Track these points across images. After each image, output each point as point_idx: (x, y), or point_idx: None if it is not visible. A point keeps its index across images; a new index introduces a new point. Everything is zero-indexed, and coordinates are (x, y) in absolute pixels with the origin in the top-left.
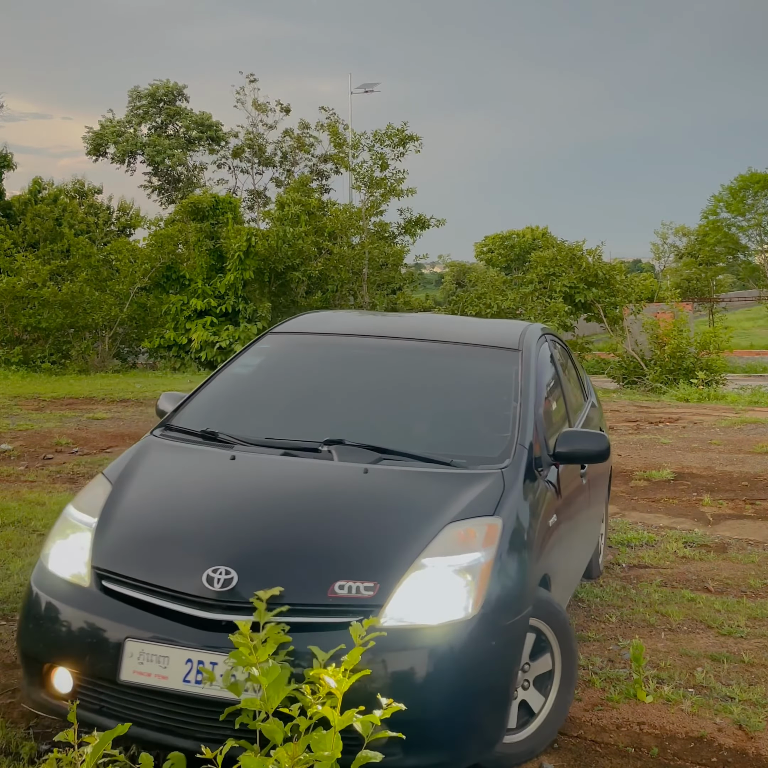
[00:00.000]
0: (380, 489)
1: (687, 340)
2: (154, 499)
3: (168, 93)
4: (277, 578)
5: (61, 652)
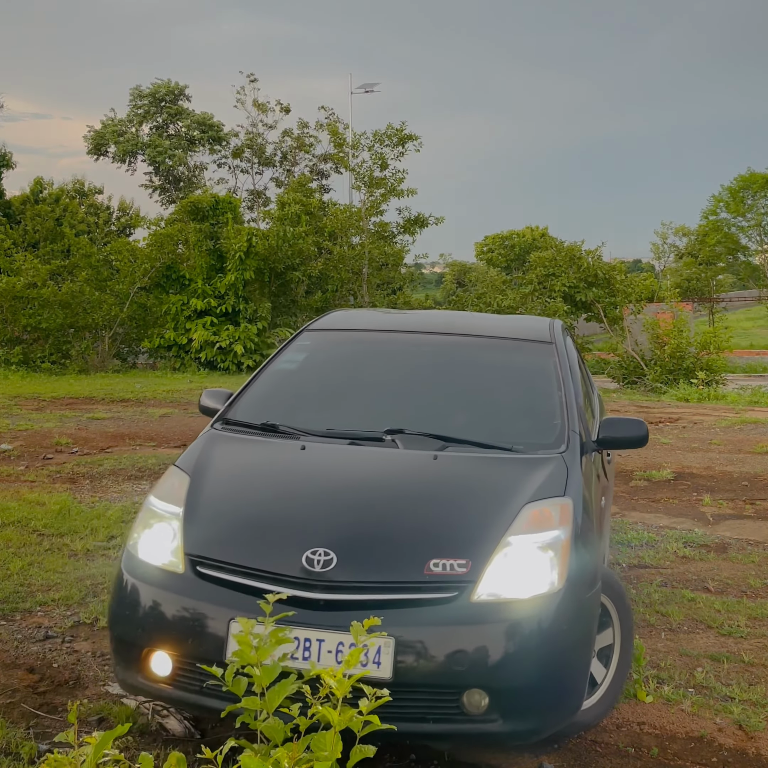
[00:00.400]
0: (453, 474)
1: (687, 340)
2: (240, 487)
3: (169, 93)
4: (374, 558)
5: (160, 636)
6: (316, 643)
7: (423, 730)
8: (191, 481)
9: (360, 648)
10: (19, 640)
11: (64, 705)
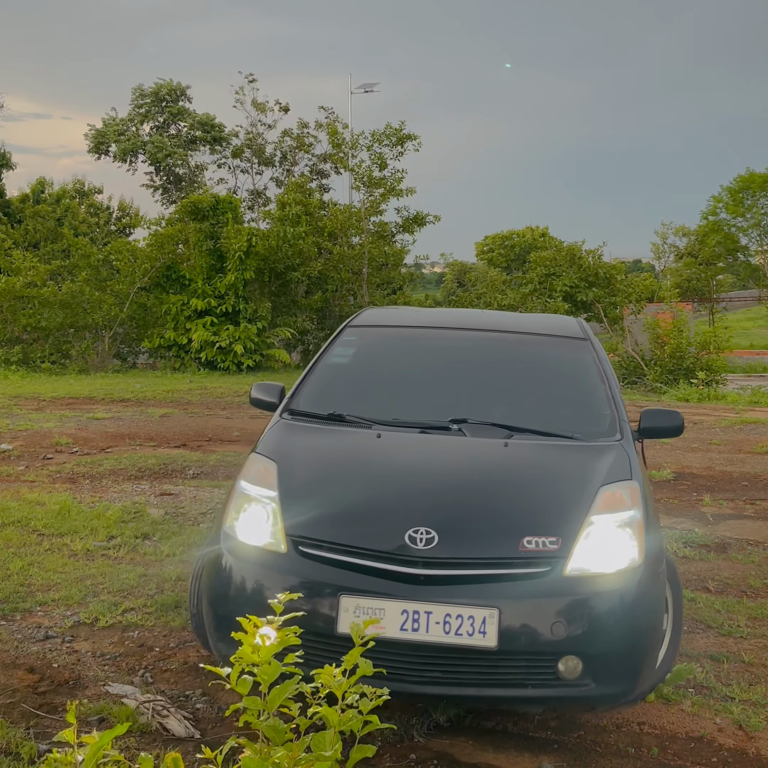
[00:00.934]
0: (526, 459)
1: (687, 340)
2: (330, 472)
3: (171, 92)
4: (472, 536)
5: (268, 612)
6: (424, 615)
7: (522, 694)
8: (279, 467)
9: (360, 648)
10: (19, 640)
11: (64, 705)
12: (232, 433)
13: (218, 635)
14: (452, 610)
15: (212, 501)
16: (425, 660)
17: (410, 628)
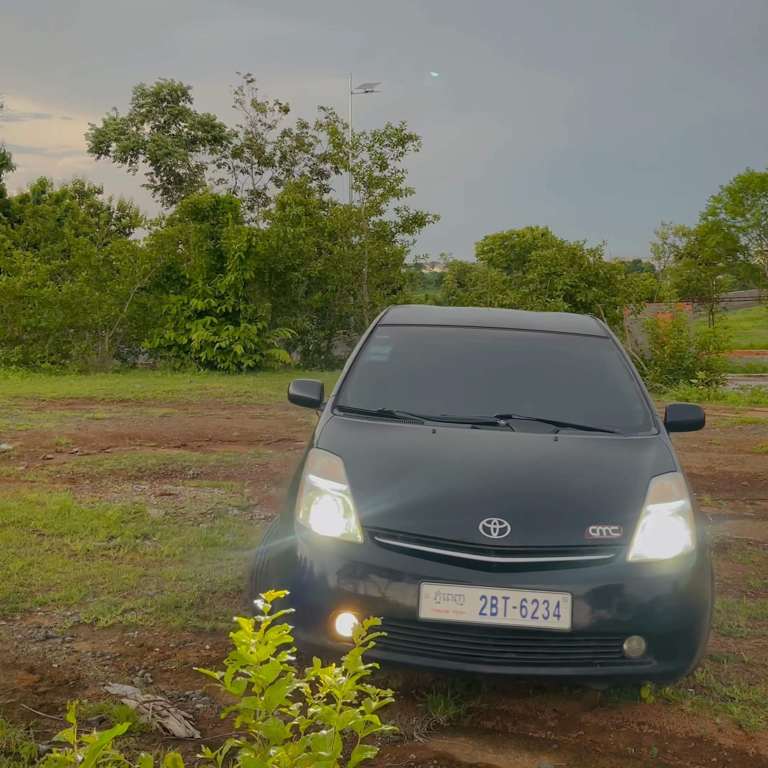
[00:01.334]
0: (577, 453)
1: (687, 340)
2: (397, 466)
3: (172, 92)
4: (541, 525)
5: (346, 599)
6: (502, 600)
7: (591, 673)
8: (344, 461)
9: (360, 648)
10: (19, 640)
11: (64, 705)
12: (232, 433)
13: (297, 623)
14: (528, 595)
15: (212, 501)
16: (501, 642)
17: (489, 612)
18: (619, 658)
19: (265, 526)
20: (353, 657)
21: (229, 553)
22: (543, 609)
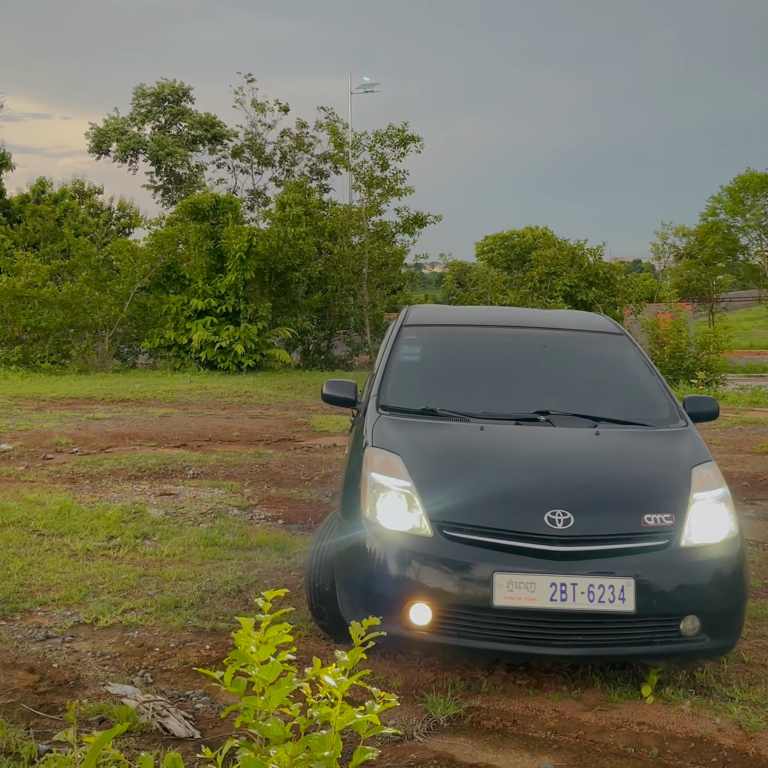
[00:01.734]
0: (620, 446)
1: (687, 340)
2: (456, 462)
3: (173, 93)
4: (602, 515)
5: (421, 590)
6: (570, 586)
7: (651, 651)
8: (403, 459)
9: (359, 648)
10: (19, 640)
11: (64, 705)
12: (232, 433)
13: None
14: (594, 580)
15: (212, 501)
16: (570, 626)
17: (559, 598)
18: (676, 637)
19: (265, 526)
20: (352, 657)
21: (229, 553)
22: (609, 593)
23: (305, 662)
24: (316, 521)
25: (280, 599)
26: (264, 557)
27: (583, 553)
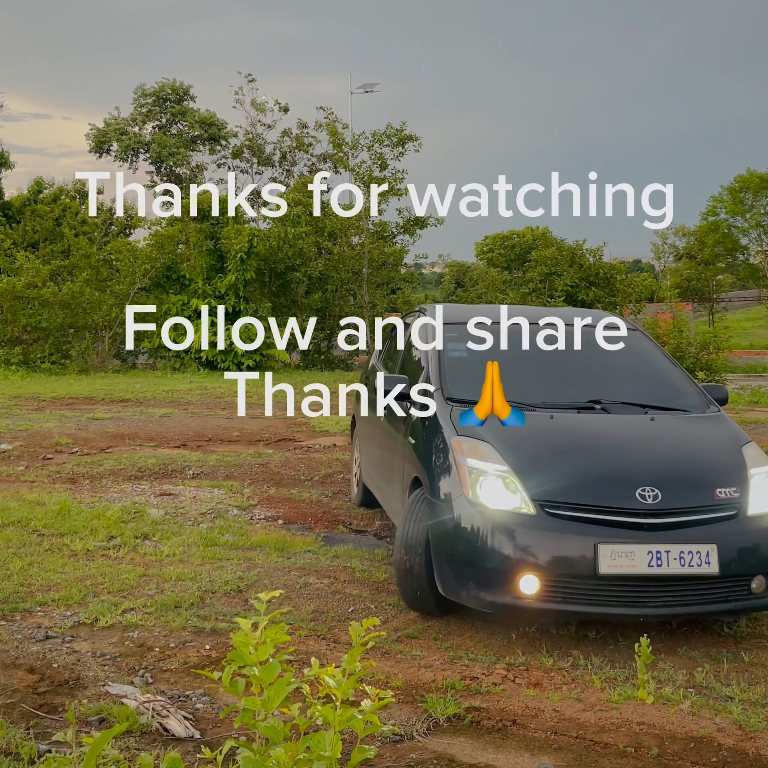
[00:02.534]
0: (676, 430)
1: (687, 340)
2: (545, 447)
3: (174, 92)
4: (684, 490)
5: (529, 563)
6: (664, 553)
7: (726, 608)
8: (495, 446)
9: (359, 648)
10: (19, 640)
11: (64, 705)
12: (232, 433)
13: (482, 584)
14: (684, 547)
15: (212, 501)
16: (662, 588)
17: (655, 564)
18: (747, 595)
19: (265, 526)
20: (352, 657)
21: (229, 553)
22: (697, 558)
23: (305, 662)
24: (316, 521)
25: (279, 599)
26: (264, 557)
27: (672, 524)
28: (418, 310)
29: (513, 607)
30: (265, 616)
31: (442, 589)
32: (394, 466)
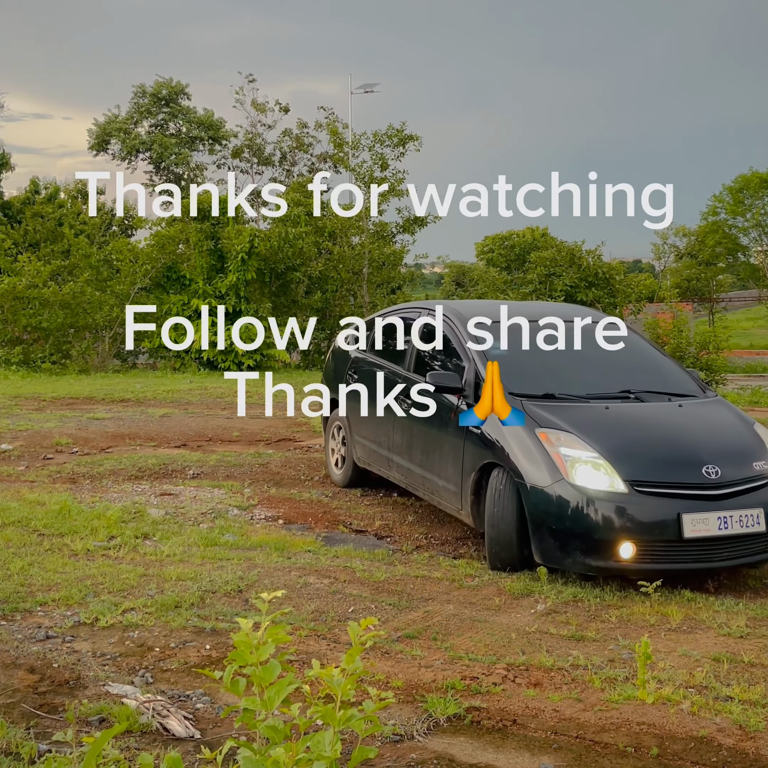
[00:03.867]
0: (704, 413)
1: (687, 340)
2: (621, 436)
3: (171, 91)
4: (735, 466)
5: (625, 532)
6: (729, 518)
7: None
8: (576, 435)
9: (358, 648)
10: (19, 640)
11: (64, 705)
12: (232, 433)
13: (589, 550)
14: (742, 512)
15: (212, 501)
16: (726, 545)
17: (723, 527)
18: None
19: (265, 526)
20: (351, 657)
21: (229, 553)
22: (752, 520)
23: (305, 662)
24: (316, 521)
25: (280, 599)
26: (264, 557)
27: (731, 494)
28: (418, 308)
29: (613, 569)
30: (266, 616)
31: (541, 557)
32: (444, 453)
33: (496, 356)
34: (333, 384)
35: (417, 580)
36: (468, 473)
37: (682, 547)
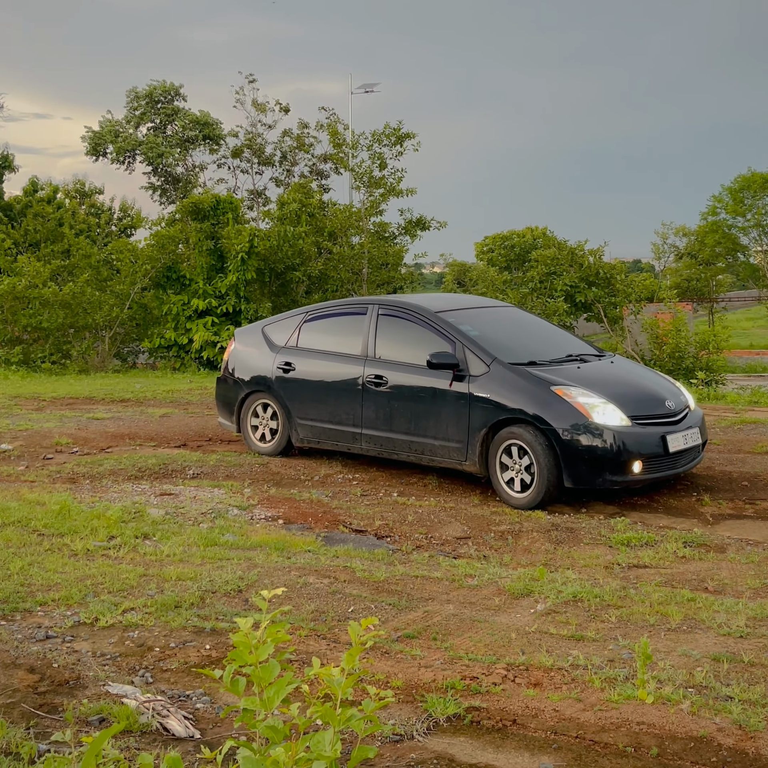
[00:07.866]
0: (630, 367)
1: (686, 339)
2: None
3: (165, 93)
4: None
5: (635, 453)
6: (686, 436)
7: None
8: (581, 387)
9: (358, 647)
10: (19, 640)
11: (64, 705)
12: (233, 433)
13: (611, 469)
14: (689, 431)
15: (212, 501)
16: (686, 455)
17: (685, 443)
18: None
19: (265, 526)
20: (351, 656)
21: (229, 553)
22: (695, 436)
23: (305, 662)
24: (316, 521)
25: (279, 599)
26: (264, 557)
27: (682, 419)
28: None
29: (629, 482)
30: (266, 615)
31: (573, 482)
32: (443, 417)
33: (474, 336)
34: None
35: (417, 580)
36: (476, 431)
37: (668, 459)
